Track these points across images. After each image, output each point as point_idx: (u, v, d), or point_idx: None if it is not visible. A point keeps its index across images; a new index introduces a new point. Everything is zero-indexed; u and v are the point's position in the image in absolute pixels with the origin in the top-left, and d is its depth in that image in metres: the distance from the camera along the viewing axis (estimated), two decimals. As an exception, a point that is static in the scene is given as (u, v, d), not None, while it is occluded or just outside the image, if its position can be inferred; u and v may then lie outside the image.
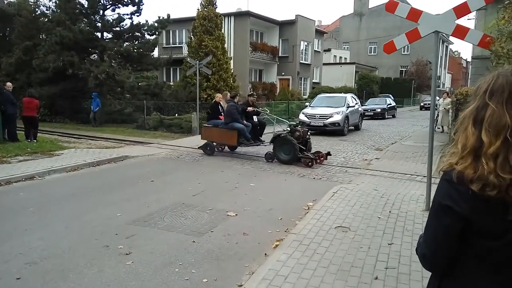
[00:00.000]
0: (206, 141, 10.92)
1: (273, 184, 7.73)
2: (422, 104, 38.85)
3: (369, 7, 53.65)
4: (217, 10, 22.04)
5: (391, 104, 27.94)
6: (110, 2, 20.19)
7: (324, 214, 5.40)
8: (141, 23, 20.51)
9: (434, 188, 5.42)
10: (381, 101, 27.91)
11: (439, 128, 16.62)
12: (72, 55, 18.56)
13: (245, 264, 4.07)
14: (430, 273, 1.43)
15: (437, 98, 38.31)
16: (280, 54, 31.77)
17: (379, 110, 25.70)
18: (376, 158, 10.56)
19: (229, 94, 11.68)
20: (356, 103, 18.19)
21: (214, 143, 10.95)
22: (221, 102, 11.18)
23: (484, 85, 1.25)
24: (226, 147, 11.27)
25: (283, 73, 31.68)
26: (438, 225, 1.27)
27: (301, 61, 32.21)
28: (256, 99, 25.39)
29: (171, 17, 21.45)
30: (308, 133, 9.99)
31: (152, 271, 3.87)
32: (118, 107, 21.08)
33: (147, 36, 21.05)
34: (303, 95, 31.39)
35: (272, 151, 9.82)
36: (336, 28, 61.13)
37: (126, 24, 20.43)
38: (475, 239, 1.22)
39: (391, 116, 27.11)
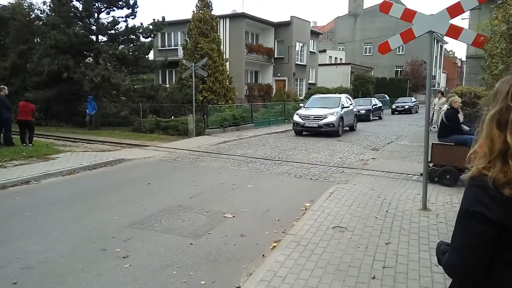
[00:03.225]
0: (440, 165, 7.52)
1: (270, 185, 7.73)
2: (394, 106, 31.49)
3: (364, 7, 53.86)
4: (212, 12, 22.07)
5: (376, 104, 26.24)
6: (105, 5, 20.13)
7: (321, 214, 5.41)
8: (136, 26, 20.47)
9: (430, 187, 5.43)
10: (365, 101, 25.94)
11: (434, 127, 16.69)
12: (67, 58, 18.48)
13: (243, 265, 4.07)
14: (452, 281, 1.38)
15: (414, 99, 33.47)
16: (275, 56, 31.84)
17: (363, 111, 23.25)
18: (372, 158, 10.60)
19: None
20: (351, 104, 18.22)
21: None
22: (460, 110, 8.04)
23: (504, 87, 1.24)
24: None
25: (279, 74, 31.74)
26: (469, 232, 1.23)
27: (296, 62, 32.27)
28: (253, 100, 25.43)
29: (166, 20, 21.42)
30: None
31: (150, 274, 3.86)
32: (114, 110, 21.00)
33: (142, 39, 21.00)
34: (299, 96, 31.46)
35: None
36: (331, 29, 61.30)
37: (121, 27, 20.41)
38: (509, 245, 1.19)
39: (377, 118, 25.51)
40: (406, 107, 30.92)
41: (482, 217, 1.18)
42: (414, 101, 33.28)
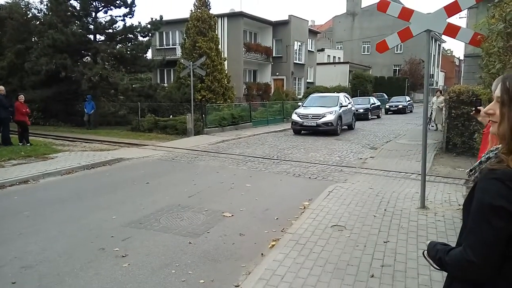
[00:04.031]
0: None
1: (269, 184, 7.74)
2: (387, 106, 30.82)
3: (362, 6, 53.90)
4: (210, 11, 22.02)
5: (375, 103, 26.26)
6: (102, 4, 20.09)
7: (320, 213, 5.42)
8: (134, 25, 20.43)
9: (428, 186, 5.43)
10: (364, 100, 25.88)
11: (432, 126, 16.74)
12: (65, 57, 18.44)
13: (241, 264, 4.08)
14: (447, 278, 1.37)
15: (409, 98, 32.57)
16: (274, 55, 31.82)
17: (361, 110, 23.07)
18: (371, 157, 10.62)
19: None
20: (349, 103, 18.24)
21: None
22: None
23: None
24: None
25: (277, 73, 31.73)
26: (488, 228, 1.20)
27: (295, 61, 32.27)
28: (251, 99, 25.40)
29: (164, 19, 21.37)
30: None
31: (149, 273, 3.87)
32: (112, 109, 20.98)
33: (140, 38, 20.95)
34: (298, 95, 31.46)
35: None
36: (329, 28, 61.29)
37: (118, 26, 20.34)
38: None
39: (375, 117, 25.48)
40: (400, 106, 30.15)
41: (504, 211, 1.16)
42: (409, 100, 32.79)
